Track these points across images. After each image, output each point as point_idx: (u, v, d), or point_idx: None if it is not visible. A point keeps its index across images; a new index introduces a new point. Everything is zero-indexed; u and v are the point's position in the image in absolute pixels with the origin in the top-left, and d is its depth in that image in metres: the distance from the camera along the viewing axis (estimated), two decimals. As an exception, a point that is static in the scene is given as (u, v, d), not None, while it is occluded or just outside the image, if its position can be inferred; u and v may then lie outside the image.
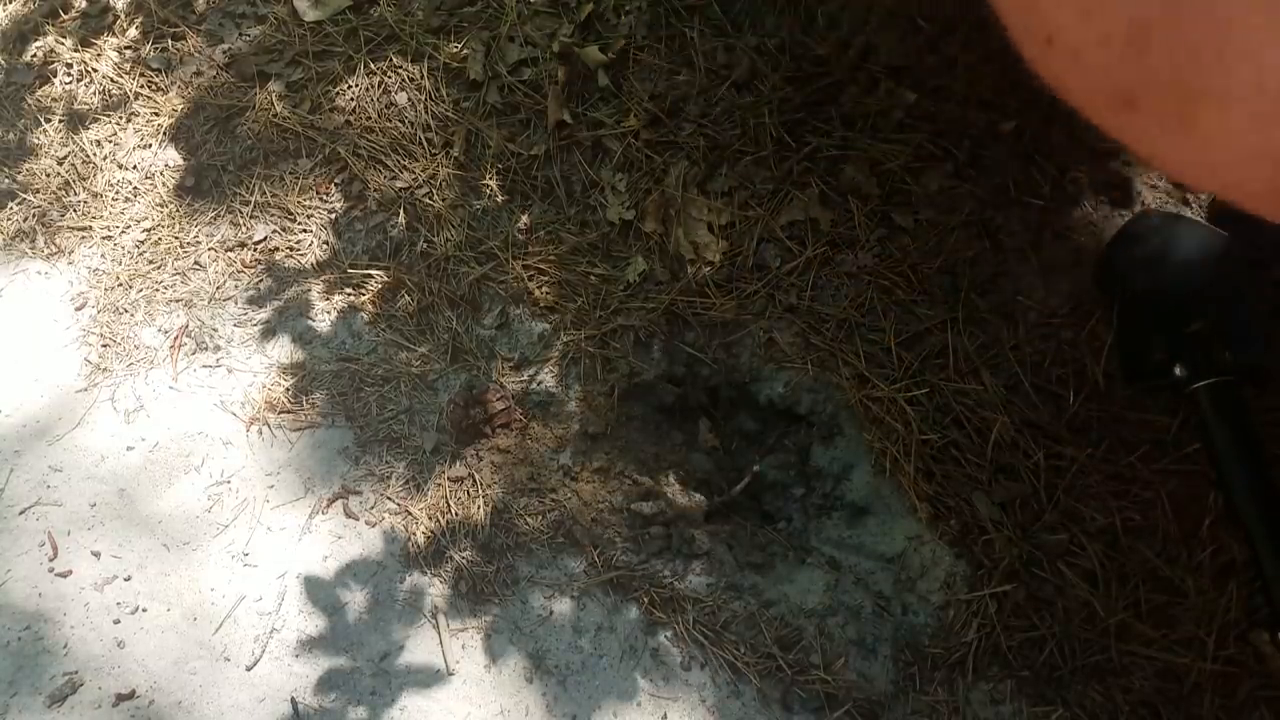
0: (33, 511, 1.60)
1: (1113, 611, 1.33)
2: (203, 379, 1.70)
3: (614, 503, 1.52)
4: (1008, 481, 1.42)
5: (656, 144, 1.71)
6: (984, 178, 1.57)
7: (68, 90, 2.04)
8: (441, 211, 1.75)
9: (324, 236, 1.80)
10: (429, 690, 1.39)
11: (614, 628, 1.42)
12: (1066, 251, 1.51)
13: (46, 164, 1.96)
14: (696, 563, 1.46)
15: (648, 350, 1.61)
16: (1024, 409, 1.44)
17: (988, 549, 1.39)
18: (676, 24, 1.77)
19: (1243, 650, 1.28)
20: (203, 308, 1.77)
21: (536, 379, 1.62)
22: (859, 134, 1.63)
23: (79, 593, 1.51)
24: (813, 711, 1.33)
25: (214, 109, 1.94)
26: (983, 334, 1.50)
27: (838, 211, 1.61)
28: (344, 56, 1.91)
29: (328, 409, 1.63)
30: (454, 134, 1.81)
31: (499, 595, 1.45)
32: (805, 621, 1.40)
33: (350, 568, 1.50)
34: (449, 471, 1.55)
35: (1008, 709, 1.31)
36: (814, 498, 1.52)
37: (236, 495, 1.58)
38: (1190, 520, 1.35)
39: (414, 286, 1.70)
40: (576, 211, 1.72)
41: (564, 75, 1.77)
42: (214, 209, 1.86)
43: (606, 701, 1.36)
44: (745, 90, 1.70)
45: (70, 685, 1.43)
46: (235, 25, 2.03)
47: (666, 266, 1.65)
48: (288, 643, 1.45)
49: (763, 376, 1.57)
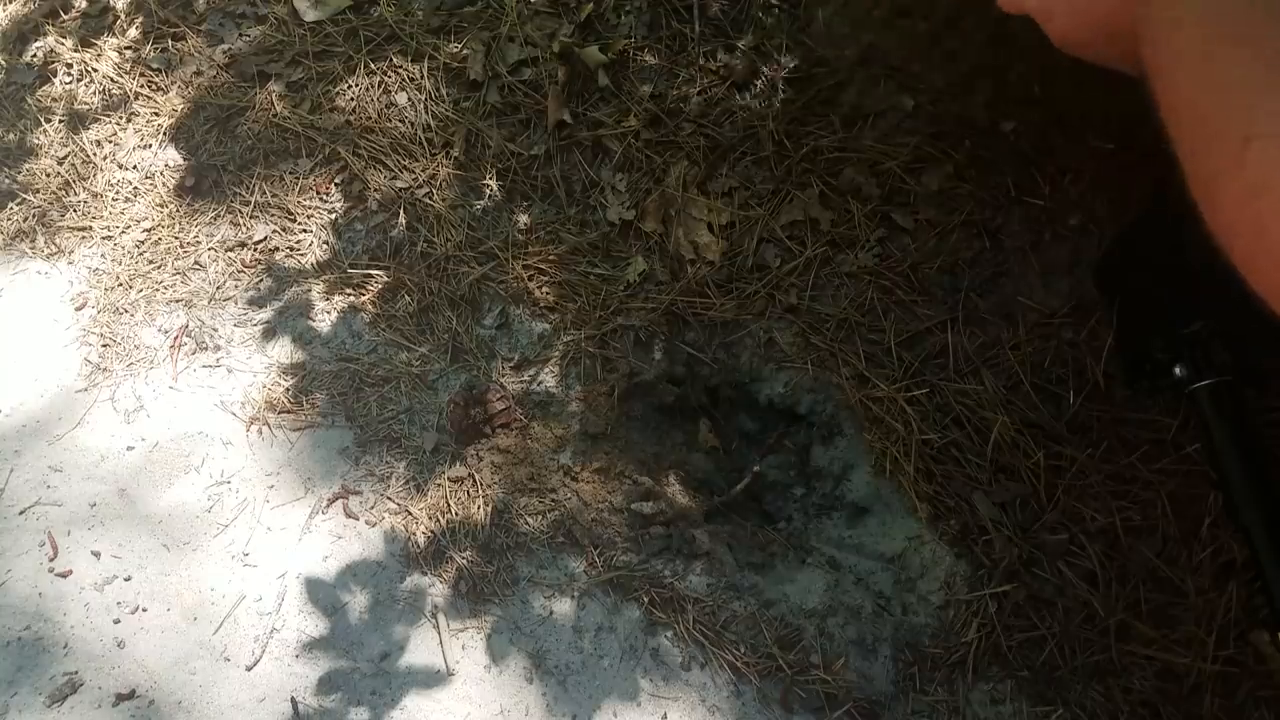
0: (33, 511, 1.60)
1: (1113, 611, 1.33)
2: (203, 379, 1.70)
3: (614, 503, 1.52)
4: (1008, 481, 1.42)
5: (656, 144, 1.72)
6: (984, 178, 1.57)
7: (68, 90, 2.04)
8: (441, 211, 1.75)
9: (324, 236, 1.80)
10: (429, 690, 1.39)
11: (614, 628, 1.42)
12: (1066, 251, 1.51)
13: (46, 164, 1.96)
14: (697, 563, 1.46)
15: (648, 350, 1.61)
16: (1024, 409, 1.44)
17: (988, 549, 1.39)
18: (676, 24, 1.77)
19: (1243, 650, 1.28)
20: (203, 308, 1.77)
21: (537, 379, 1.62)
22: (859, 134, 1.63)
23: (79, 593, 1.51)
24: (813, 711, 1.33)
25: (214, 109, 1.94)
26: (983, 334, 1.50)
27: (838, 211, 1.61)
28: (344, 56, 1.91)
29: (328, 409, 1.63)
30: (454, 134, 1.81)
31: (499, 595, 1.45)
32: (805, 621, 1.40)
33: (350, 568, 1.50)
34: (449, 471, 1.55)
35: (1008, 709, 1.31)
36: (814, 498, 1.52)
37: (236, 495, 1.58)
38: (1190, 520, 1.35)
39: (414, 286, 1.70)
40: (576, 211, 1.73)
41: (564, 75, 1.77)
42: (214, 209, 1.86)
43: (607, 701, 1.36)
44: (745, 90, 1.70)
45: (70, 685, 1.43)
46: (235, 25, 2.03)
47: (666, 266, 1.65)
48: (288, 643, 1.45)
49: (763, 376, 1.58)
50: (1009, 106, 1.58)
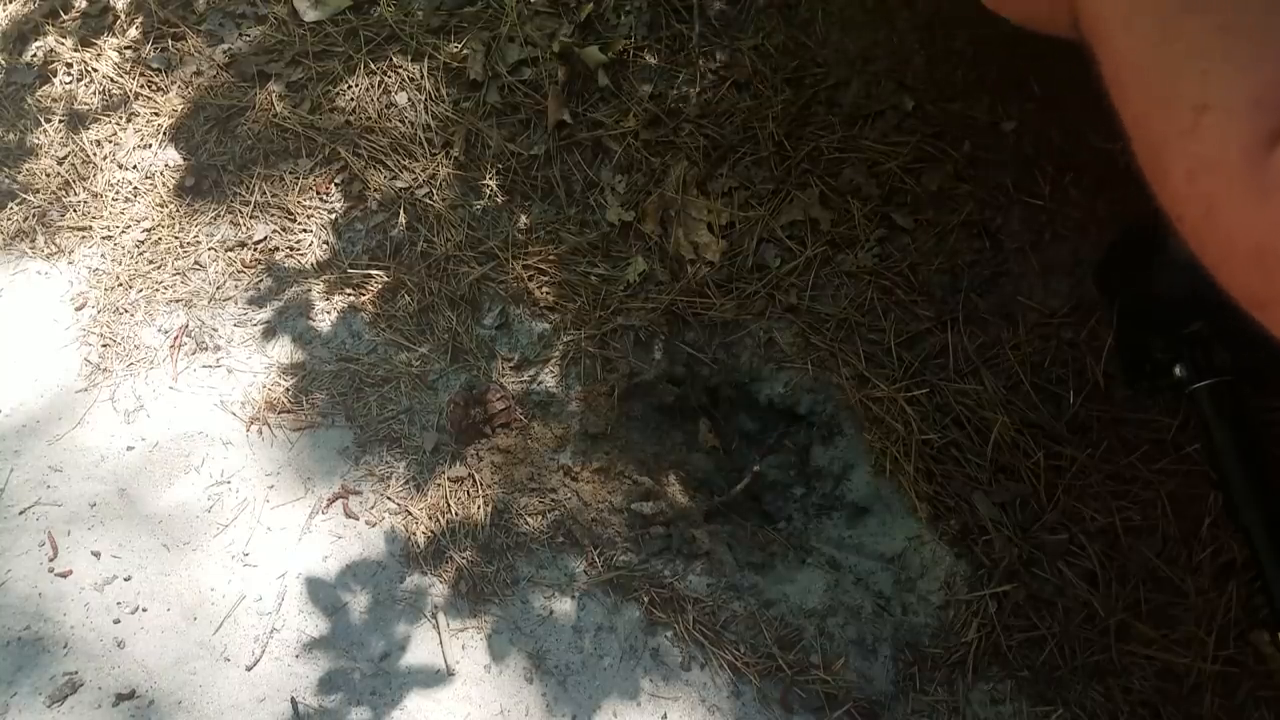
0: (33, 511, 1.60)
1: (1113, 611, 1.33)
2: (203, 379, 1.70)
3: (614, 503, 1.52)
4: (1008, 481, 1.42)
5: (656, 144, 1.72)
6: (984, 178, 1.57)
7: (68, 90, 2.04)
8: (441, 211, 1.75)
9: (324, 236, 1.80)
10: (429, 690, 1.39)
11: (614, 628, 1.42)
12: (1066, 251, 1.51)
13: (46, 164, 1.96)
14: (696, 563, 1.46)
15: (648, 350, 1.61)
16: (1024, 409, 1.44)
17: (988, 549, 1.39)
18: (676, 24, 1.77)
19: (1243, 650, 1.28)
20: (203, 308, 1.77)
21: (537, 379, 1.62)
22: (859, 134, 1.63)
23: (79, 593, 1.51)
24: (813, 711, 1.33)
25: (214, 109, 1.94)
26: (983, 334, 1.50)
27: (837, 211, 1.61)
28: (344, 56, 1.91)
29: (328, 409, 1.63)
30: (454, 134, 1.81)
31: (499, 595, 1.45)
32: (805, 621, 1.40)
33: (350, 568, 1.50)
34: (449, 471, 1.55)
35: (1008, 709, 1.31)
36: (814, 498, 1.52)
37: (236, 495, 1.58)
38: (1190, 520, 1.35)
39: (414, 286, 1.70)
40: (576, 212, 1.73)
41: (564, 75, 1.77)
42: (214, 209, 1.86)
43: (607, 701, 1.36)
44: (745, 90, 1.70)
45: (70, 685, 1.43)
46: (235, 25, 2.03)
47: (666, 266, 1.65)
48: (288, 643, 1.45)
49: (763, 376, 1.58)
50: (1009, 106, 1.58)
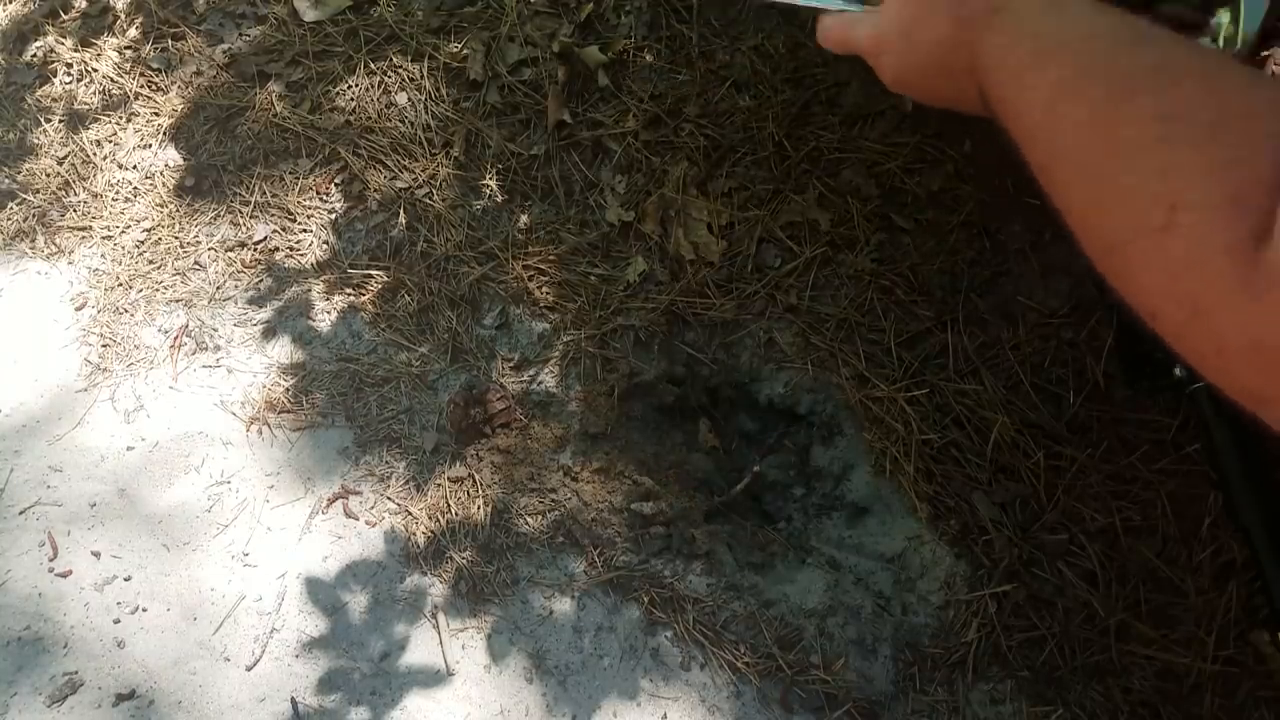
0: (33, 511, 1.60)
1: (1113, 611, 1.33)
2: (203, 379, 1.70)
3: (614, 503, 1.52)
4: (1008, 481, 1.42)
5: (656, 144, 1.72)
6: (984, 178, 1.57)
7: (68, 90, 2.04)
8: (441, 211, 1.75)
9: (324, 236, 1.80)
10: (429, 690, 1.39)
11: (614, 628, 1.42)
12: (1066, 251, 1.51)
13: (46, 164, 1.96)
14: (696, 563, 1.46)
15: (648, 350, 1.61)
16: (1024, 409, 1.44)
17: (988, 549, 1.39)
18: (676, 24, 1.77)
19: (1243, 650, 1.28)
20: (203, 308, 1.77)
21: (537, 379, 1.62)
22: (859, 134, 1.63)
23: (79, 593, 1.51)
24: (813, 711, 1.33)
25: (214, 109, 1.94)
26: (983, 334, 1.50)
27: (837, 212, 1.61)
28: (344, 56, 1.91)
29: (328, 409, 1.63)
30: (454, 134, 1.81)
31: (499, 595, 1.45)
32: (805, 621, 1.40)
33: (350, 568, 1.50)
34: (449, 471, 1.55)
35: (1008, 709, 1.31)
36: (814, 498, 1.52)
37: (236, 495, 1.58)
38: (1190, 520, 1.35)
39: (414, 286, 1.70)
40: (576, 212, 1.73)
41: (564, 75, 1.77)
42: (214, 209, 1.86)
43: (606, 701, 1.36)
44: (745, 91, 1.70)
45: (70, 685, 1.43)
46: (235, 25, 2.03)
47: (666, 267, 1.65)
48: (288, 643, 1.45)
49: (763, 376, 1.58)
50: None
